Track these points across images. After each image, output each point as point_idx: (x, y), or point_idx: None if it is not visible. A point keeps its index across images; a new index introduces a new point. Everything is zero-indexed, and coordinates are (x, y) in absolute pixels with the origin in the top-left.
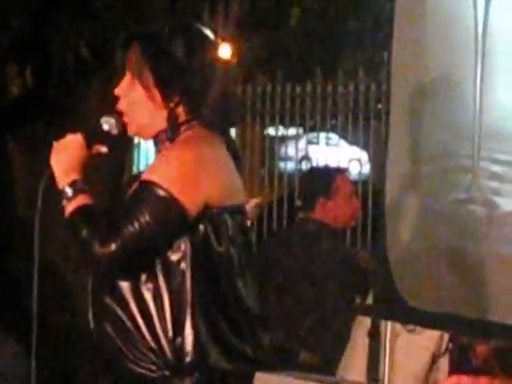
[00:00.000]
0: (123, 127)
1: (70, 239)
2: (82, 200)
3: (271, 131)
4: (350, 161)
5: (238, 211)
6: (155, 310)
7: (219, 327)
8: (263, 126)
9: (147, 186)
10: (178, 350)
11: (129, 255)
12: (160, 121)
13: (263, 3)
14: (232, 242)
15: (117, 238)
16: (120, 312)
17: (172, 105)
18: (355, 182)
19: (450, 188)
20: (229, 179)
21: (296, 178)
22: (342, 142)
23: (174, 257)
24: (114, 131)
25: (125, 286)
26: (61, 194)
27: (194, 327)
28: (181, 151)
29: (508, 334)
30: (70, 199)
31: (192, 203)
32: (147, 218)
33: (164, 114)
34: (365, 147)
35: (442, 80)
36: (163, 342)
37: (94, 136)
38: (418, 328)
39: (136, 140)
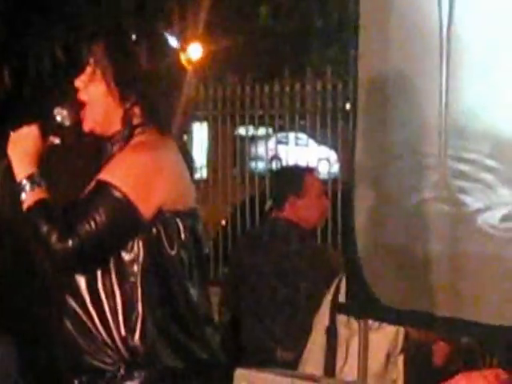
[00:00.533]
0: (76, 119)
1: (29, 233)
2: (39, 194)
3: (242, 131)
4: (319, 160)
5: (190, 215)
6: (108, 308)
7: (169, 327)
8: (234, 127)
9: (103, 186)
10: (130, 347)
11: (85, 252)
12: (115, 121)
13: (231, 4)
14: (183, 246)
15: (74, 235)
16: (77, 308)
17: (128, 105)
18: (324, 182)
19: (417, 186)
20: (182, 184)
21: (267, 178)
22: (311, 142)
23: (127, 257)
24: (66, 123)
25: (82, 282)
26: (18, 185)
27: (145, 326)
28: (137, 154)
29: (477, 331)
30: (27, 193)
31: (146, 206)
32: (103, 217)
33: (120, 114)
34: (333, 147)
35: (408, 80)
36: (116, 338)
37: (48, 127)
38: (374, 326)
39: None
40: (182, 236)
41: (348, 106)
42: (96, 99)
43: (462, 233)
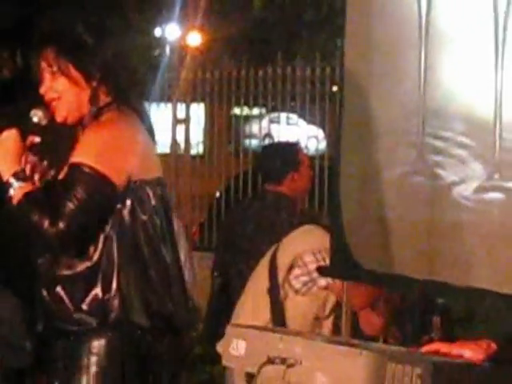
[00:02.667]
0: (51, 117)
1: (22, 223)
2: (26, 188)
3: (237, 111)
4: (309, 138)
5: (157, 183)
6: (90, 272)
7: (142, 288)
8: (229, 107)
9: (76, 167)
10: (106, 307)
11: (75, 229)
12: (85, 104)
13: None
14: (154, 211)
15: (62, 217)
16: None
17: (94, 84)
18: (313, 157)
19: (398, 161)
20: (146, 155)
21: (259, 154)
22: (301, 121)
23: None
24: (43, 122)
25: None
26: (6, 184)
27: (119, 287)
28: (101, 131)
29: (451, 293)
30: (15, 189)
31: (118, 177)
32: (83, 194)
33: (86, 97)
34: (321, 125)
35: (390, 64)
36: (94, 299)
37: (26, 128)
38: (303, 290)
39: None
40: (153, 202)
41: (335, 89)
42: (63, 93)
43: (439, 203)
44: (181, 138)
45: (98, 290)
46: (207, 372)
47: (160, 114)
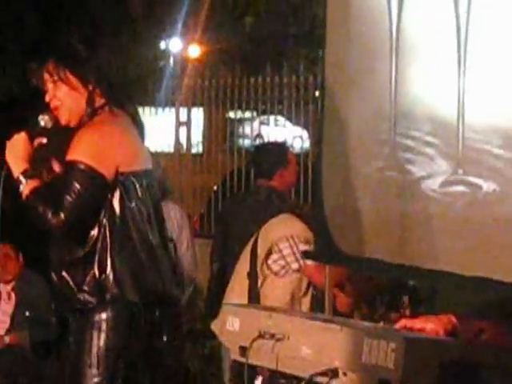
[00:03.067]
0: (56, 121)
1: (30, 214)
2: (33, 184)
3: (231, 114)
4: (294, 137)
5: (144, 175)
6: (90, 254)
7: (133, 268)
8: (225, 111)
9: (71, 165)
10: (102, 286)
11: (73, 218)
12: (83, 107)
13: (224, 14)
14: (140, 200)
15: (62, 208)
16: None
17: (90, 87)
18: (298, 155)
19: (372, 158)
20: (133, 150)
21: (251, 152)
22: (288, 123)
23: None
24: (49, 125)
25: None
26: (16, 181)
27: (113, 268)
28: (92, 131)
29: (420, 275)
30: (24, 185)
31: (107, 171)
32: (79, 188)
33: (83, 101)
34: (305, 127)
35: (366, 72)
36: (94, 277)
37: (34, 131)
38: (280, 274)
39: None
40: (139, 192)
41: (317, 94)
42: (65, 99)
43: (409, 195)
44: (183, 139)
45: (95, 272)
46: (207, 346)
47: (165, 118)
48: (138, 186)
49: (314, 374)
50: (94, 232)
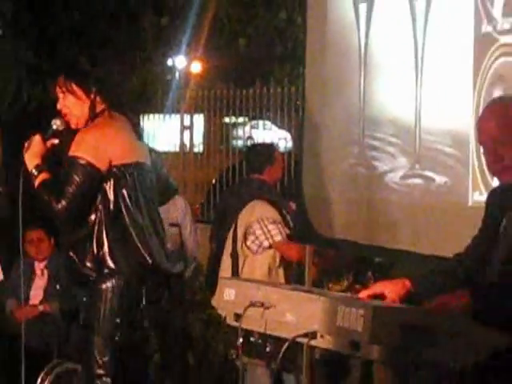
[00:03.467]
0: (66, 125)
1: (40, 202)
2: (43, 177)
3: (227, 120)
4: (279, 139)
5: (135, 167)
6: (90, 234)
7: (125, 245)
8: (221, 117)
9: (71, 160)
10: (101, 262)
11: (73, 205)
12: (84, 114)
13: (221, 36)
14: (130, 188)
15: (64, 197)
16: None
17: (92, 96)
18: (282, 153)
19: (345, 156)
20: (125, 146)
21: (244, 152)
22: (274, 127)
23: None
24: (60, 128)
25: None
26: (30, 174)
27: (109, 246)
28: (89, 131)
29: (383, 253)
30: (35, 177)
31: (101, 163)
32: (77, 179)
33: (86, 107)
34: (289, 130)
35: (339, 84)
36: (96, 254)
37: (48, 134)
38: (259, 251)
39: None
40: (129, 180)
41: (298, 103)
42: (73, 107)
43: (375, 186)
44: (186, 141)
45: (94, 250)
46: (207, 314)
47: (171, 123)
48: (128, 175)
49: (297, 336)
50: (92, 216)
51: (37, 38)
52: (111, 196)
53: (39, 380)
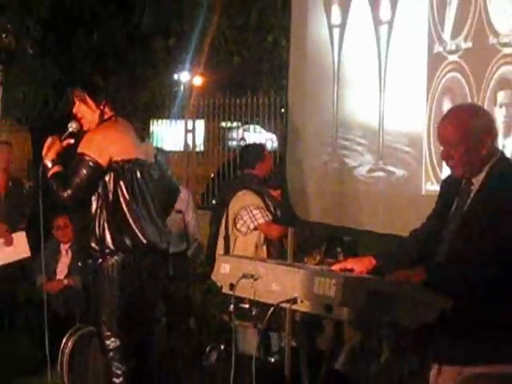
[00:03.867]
0: (80, 127)
1: (52, 189)
2: (55, 169)
3: (223, 124)
4: (267, 140)
5: (133, 163)
6: (94, 218)
7: (123, 228)
8: (219, 122)
9: (78, 155)
10: (103, 241)
11: (77, 194)
12: (94, 120)
13: (219, 55)
14: (128, 181)
15: (70, 187)
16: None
17: (101, 107)
18: (270, 152)
19: (320, 154)
20: (125, 145)
21: (238, 151)
22: (263, 130)
23: (99, 189)
24: (75, 130)
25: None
26: (45, 166)
27: (110, 228)
28: (94, 132)
29: (352, 233)
30: (49, 169)
31: (103, 159)
32: (82, 172)
33: (96, 114)
34: (275, 132)
35: (316, 94)
36: (99, 235)
37: (64, 135)
38: (248, 232)
39: None
40: (127, 174)
41: (283, 110)
42: (85, 113)
43: (346, 179)
44: (190, 141)
45: (97, 232)
46: (207, 284)
47: (177, 127)
48: (126, 169)
49: (280, 302)
50: (95, 204)
51: (61, 57)
52: (111, 187)
53: (64, 340)
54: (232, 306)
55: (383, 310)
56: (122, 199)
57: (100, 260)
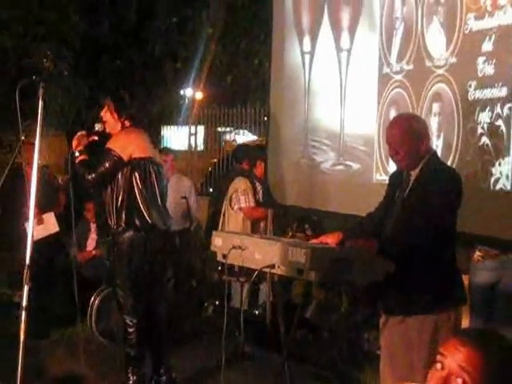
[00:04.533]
0: (104, 129)
1: (78, 173)
2: (82, 157)
3: (219, 129)
4: (254, 142)
5: (148, 160)
6: (112, 202)
7: (134, 209)
8: (215, 127)
9: (106, 149)
10: (120, 218)
11: (99, 180)
12: (116, 127)
13: (215, 75)
14: (144, 175)
15: (95, 172)
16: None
17: (122, 119)
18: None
19: (295, 151)
20: (142, 146)
21: (229, 151)
22: (250, 134)
23: (120, 181)
24: (100, 130)
25: (106, 193)
26: (72, 155)
27: (126, 210)
28: (119, 135)
29: (321, 214)
30: (76, 157)
31: (125, 155)
32: (107, 163)
33: (118, 124)
34: (259, 136)
35: (291, 105)
36: (115, 216)
37: (91, 132)
38: (237, 211)
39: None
40: (142, 168)
41: (265, 118)
42: (108, 120)
43: (314, 172)
44: (193, 143)
45: (115, 212)
46: (206, 253)
47: (183, 131)
48: (141, 165)
49: (262, 267)
50: (114, 188)
51: (90, 78)
52: (127, 177)
53: (92, 298)
54: (225, 269)
55: (342, 272)
56: (135, 188)
57: (116, 235)
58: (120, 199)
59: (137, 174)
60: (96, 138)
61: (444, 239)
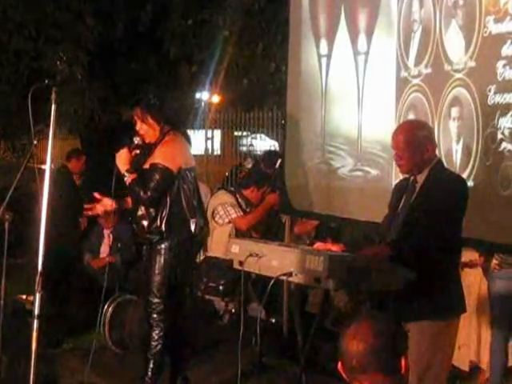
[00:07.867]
0: (143, 141)
1: (131, 193)
2: (132, 176)
3: (236, 133)
4: (271, 146)
5: (191, 170)
6: (157, 211)
7: (178, 218)
8: (232, 131)
9: (154, 165)
10: (159, 231)
11: (154, 196)
12: (156, 135)
13: (232, 78)
14: (189, 183)
15: (149, 190)
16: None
17: (161, 126)
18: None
19: (313, 156)
20: (186, 155)
21: (247, 155)
22: (267, 138)
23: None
24: (140, 143)
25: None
26: (122, 176)
27: (167, 220)
28: (165, 146)
29: (338, 220)
30: (127, 177)
31: (174, 168)
32: (158, 178)
33: (157, 131)
34: (277, 140)
35: (308, 110)
36: (154, 226)
37: (132, 147)
38: (223, 224)
39: None
40: (189, 178)
41: (283, 122)
42: (146, 131)
43: (332, 178)
44: (209, 147)
45: (157, 223)
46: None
47: (199, 135)
48: (188, 175)
49: (279, 275)
50: (165, 200)
51: (104, 81)
52: (176, 188)
53: (106, 306)
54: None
55: (361, 280)
56: (183, 196)
57: (156, 244)
58: (165, 210)
59: (185, 186)
60: (138, 151)
61: (448, 245)
